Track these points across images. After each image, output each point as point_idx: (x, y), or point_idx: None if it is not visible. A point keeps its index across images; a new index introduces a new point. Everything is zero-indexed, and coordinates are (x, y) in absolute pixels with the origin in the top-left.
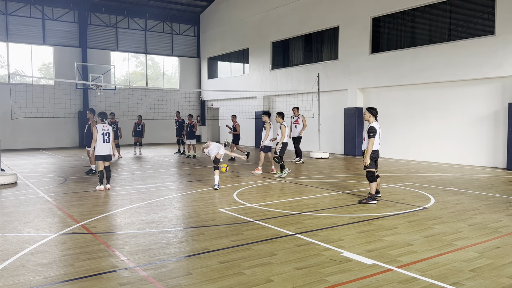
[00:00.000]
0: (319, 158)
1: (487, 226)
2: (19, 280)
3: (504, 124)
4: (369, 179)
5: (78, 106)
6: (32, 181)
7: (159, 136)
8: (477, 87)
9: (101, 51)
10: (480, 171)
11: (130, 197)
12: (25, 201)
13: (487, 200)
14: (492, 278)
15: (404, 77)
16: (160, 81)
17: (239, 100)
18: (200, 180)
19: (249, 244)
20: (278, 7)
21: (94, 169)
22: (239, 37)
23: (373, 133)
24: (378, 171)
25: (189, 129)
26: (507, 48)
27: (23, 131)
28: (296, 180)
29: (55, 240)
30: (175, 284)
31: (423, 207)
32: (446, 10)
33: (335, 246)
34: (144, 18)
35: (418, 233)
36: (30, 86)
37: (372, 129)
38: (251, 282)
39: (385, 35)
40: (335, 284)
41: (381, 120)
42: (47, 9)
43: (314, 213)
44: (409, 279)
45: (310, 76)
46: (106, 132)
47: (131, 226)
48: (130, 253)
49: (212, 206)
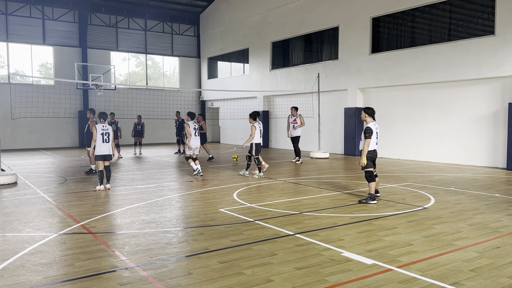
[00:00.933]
0: (319, 158)
1: (487, 226)
2: (19, 280)
3: (504, 124)
4: (368, 179)
5: (78, 106)
6: (32, 181)
7: (159, 136)
8: (477, 87)
9: (101, 51)
10: (480, 171)
11: (130, 197)
12: (25, 201)
13: (487, 200)
14: (492, 278)
15: (404, 77)
16: (160, 81)
17: (239, 100)
18: (200, 180)
19: (249, 244)
20: (278, 7)
21: (94, 169)
22: (239, 37)
23: (369, 134)
24: (376, 170)
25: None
26: (507, 48)
27: (23, 131)
28: (296, 180)
29: (55, 240)
30: (175, 284)
31: (423, 207)
32: (446, 10)
33: (335, 246)
34: (144, 18)
35: (418, 233)
36: (30, 86)
37: (369, 129)
38: (251, 282)
39: (385, 35)
40: (335, 284)
41: (381, 120)
42: (47, 9)
43: (314, 213)
44: (409, 279)
45: (310, 76)
46: (105, 132)
47: (131, 226)
48: (130, 253)
49: (212, 206)
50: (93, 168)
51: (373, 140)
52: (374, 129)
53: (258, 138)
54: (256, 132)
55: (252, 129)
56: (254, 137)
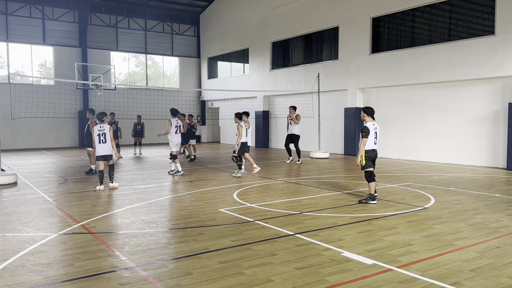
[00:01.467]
0: (319, 158)
1: (487, 226)
2: (19, 280)
3: (504, 124)
4: (367, 179)
5: (78, 106)
6: (32, 181)
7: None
8: (477, 87)
9: (101, 51)
10: (480, 171)
11: (130, 197)
12: (25, 201)
13: (487, 200)
14: (492, 278)
15: (404, 77)
16: (160, 81)
17: (239, 100)
18: (200, 180)
19: (249, 244)
20: (278, 7)
21: (94, 169)
22: (239, 37)
23: (365, 133)
24: (374, 171)
25: (189, 129)
26: (507, 48)
27: (23, 131)
28: (296, 180)
29: (55, 240)
30: (175, 284)
31: (423, 207)
32: (446, 10)
33: (335, 246)
34: (144, 18)
35: (418, 233)
36: (30, 86)
37: (365, 129)
38: (251, 282)
39: (385, 35)
40: (335, 284)
41: (381, 120)
42: (47, 9)
43: (314, 213)
44: (409, 279)
45: (310, 76)
46: (102, 132)
47: (131, 226)
48: (130, 253)
49: (212, 206)
50: (93, 168)
51: (372, 139)
52: (372, 129)
53: (245, 138)
54: (243, 131)
55: (239, 129)
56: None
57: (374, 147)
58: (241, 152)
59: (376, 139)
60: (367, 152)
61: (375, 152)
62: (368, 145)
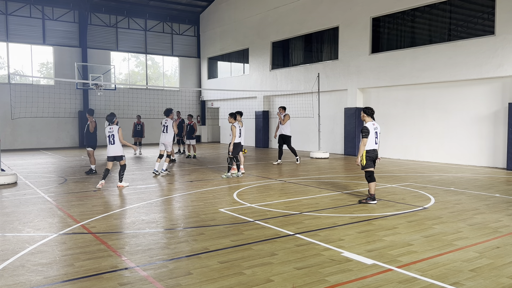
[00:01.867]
0: (319, 158)
1: (487, 226)
2: (19, 280)
3: (504, 124)
4: (367, 179)
5: (78, 106)
6: (32, 181)
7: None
8: (477, 87)
9: (101, 51)
10: (480, 171)
11: (130, 197)
12: (25, 201)
13: (487, 200)
14: (492, 278)
15: (404, 77)
16: (160, 81)
17: (239, 100)
18: (200, 180)
19: (249, 244)
20: (278, 7)
21: (94, 169)
22: (239, 37)
23: (365, 133)
24: (374, 171)
25: (188, 129)
26: (507, 48)
27: (23, 131)
28: (296, 180)
29: (55, 240)
30: (175, 284)
31: (423, 207)
32: (446, 10)
33: (335, 246)
34: (144, 18)
35: (418, 233)
36: (30, 86)
37: (365, 129)
38: (251, 282)
39: (385, 35)
40: (335, 284)
41: (381, 120)
42: (47, 9)
43: (314, 213)
44: (409, 279)
45: (310, 76)
46: (110, 134)
47: (131, 226)
48: (130, 253)
49: (212, 206)
50: (93, 168)
51: (372, 139)
52: (372, 129)
53: (238, 138)
54: (236, 131)
55: (233, 129)
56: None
57: (374, 147)
58: (236, 153)
59: (377, 139)
60: (367, 152)
61: (376, 152)
62: (369, 145)
